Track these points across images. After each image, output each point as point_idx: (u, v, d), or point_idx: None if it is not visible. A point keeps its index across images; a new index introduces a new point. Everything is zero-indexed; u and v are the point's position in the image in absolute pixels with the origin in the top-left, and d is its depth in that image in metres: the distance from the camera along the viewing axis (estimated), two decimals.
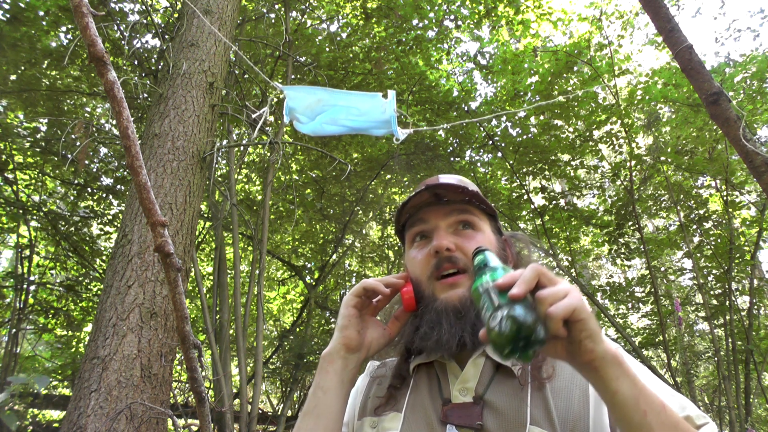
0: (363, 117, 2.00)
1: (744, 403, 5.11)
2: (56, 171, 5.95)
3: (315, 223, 7.24)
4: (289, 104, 2.04)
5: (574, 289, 0.60)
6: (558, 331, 0.57)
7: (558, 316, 0.57)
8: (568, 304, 0.57)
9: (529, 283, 0.59)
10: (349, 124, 2.04)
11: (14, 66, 4.90)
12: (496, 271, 0.67)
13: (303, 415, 0.85)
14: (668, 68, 5.73)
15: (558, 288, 0.59)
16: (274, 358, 6.66)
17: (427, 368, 0.88)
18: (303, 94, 2.06)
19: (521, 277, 0.60)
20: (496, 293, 0.61)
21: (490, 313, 0.59)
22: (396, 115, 1.95)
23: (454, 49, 6.93)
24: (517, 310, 0.56)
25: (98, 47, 0.72)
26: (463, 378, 0.81)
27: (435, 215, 0.90)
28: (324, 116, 2.02)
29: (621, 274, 9.76)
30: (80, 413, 2.45)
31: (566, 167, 6.27)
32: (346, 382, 0.85)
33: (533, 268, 0.61)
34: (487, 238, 0.89)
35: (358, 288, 0.87)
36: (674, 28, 2.13)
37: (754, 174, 1.93)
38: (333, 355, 0.86)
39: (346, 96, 2.05)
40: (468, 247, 0.85)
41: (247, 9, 6.08)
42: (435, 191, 0.89)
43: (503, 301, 0.59)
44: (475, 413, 0.76)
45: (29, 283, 5.77)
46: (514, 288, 0.59)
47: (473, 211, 0.91)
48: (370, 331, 0.89)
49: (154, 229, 0.76)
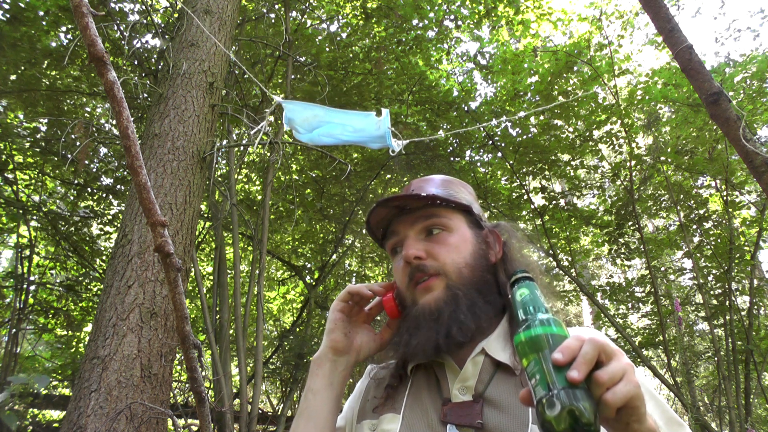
0: (358, 133, 2.06)
1: (744, 403, 5.11)
2: (56, 171, 5.95)
3: (315, 223, 7.23)
4: (287, 115, 2.09)
5: (629, 369, 0.57)
6: (610, 416, 0.56)
7: (615, 405, 0.54)
8: (627, 392, 0.55)
9: (590, 363, 0.55)
10: (345, 138, 2.10)
11: (14, 66, 4.90)
12: (548, 325, 0.61)
13: (297, 417, 0.88)
14: (668, 68, 5.73)
15: (615, 369, 0.56)
16: (274, 358, 6.66)
17: (425, 368, 0.88)
18: (300, 108, 2.11)
19: (581, 355, 0.55)
20: (550, 366, 0.56)
21: (544, 393, 0.55)
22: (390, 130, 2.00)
23: (454, 49, 6.94)
24: (576, 400, 0.53)
25: (98, 47, 0.72)
26: (462, 377, 0.81)
27: (404, 225, 0.90)
28: (320, 129, 2.08)
29: (621, 274, 9.76)
30: (80, 413, 2.45)
31: (566, 167, 6.27)
32: (336, 384, 0.88)
33: (593, 344, 0.56)
34: (462, 238, 0.88)
35: (344, 293, 0.90)
36: (674, 28, 2.13)
37: (754, 174, 1.93)
38: (321, 358, 0.89)
39: (341, 114, 2.10)
40: (438, 252, 0.85)
41: (247, 9, 6.08)
42: (392, 204, 0.89)
43: (559, 380, 0.55)
44: (475, 412, 0.76)
45: (29, 283, 5.77)
46: (573, 370, 0.54)
47: (440, 213, 0.89)
48: (359, 335, 0.91)
49: (154, 229, 0.76)
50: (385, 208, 0.89)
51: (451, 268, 0.84)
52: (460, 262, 0.85)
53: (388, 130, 1.98)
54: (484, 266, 0.88)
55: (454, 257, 0.85)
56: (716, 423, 5.94)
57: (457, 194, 0.94)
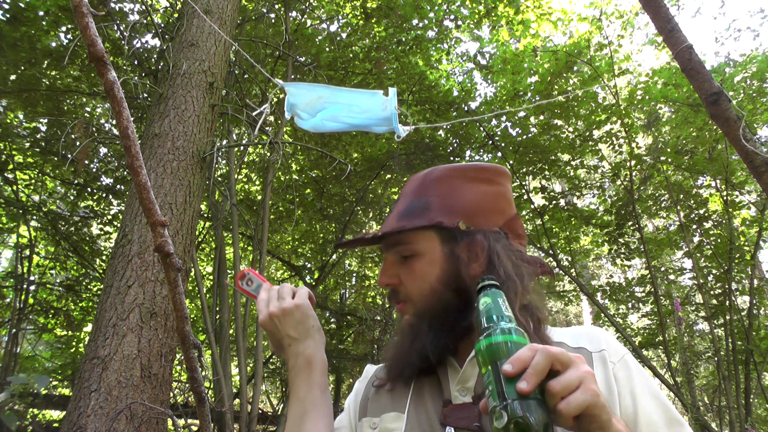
0: (364, 114, 2.01)
1: (744, 403, 5.11)
2: (56, 171, 5.95)
3: (315, 223, 7.23)
4: (290, 100, 2.05)
5: (587, 377, 0.56)
6: (567, 426, 0.55)
7: (570, 414, 0.53)
8: (582, 400, 0.54)
9: (540, 374, 0.54)
10: (349, 121, 2.05)
11: (14, 66, 4.90)
12: (508, 333, 0.60)
13: (305, 414, 0.88)
14: (668, 68, 5.73)
15: (569, 379, 0.55)
16: (274, 358, 6.66)
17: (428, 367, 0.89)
18: (304, 90, 2.06)
19: (531, 366, 0.55)
20: (503, 376, 0.56)
21: (496, 404, 0.55)
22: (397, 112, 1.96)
23: (454, 49, 6.94)
24: (526, 411, 0.52)
25: (98, 47, 0.72)
26: (462, 378, 0.81)
27: (385, 248, 0.93)
28: (324, 113, 2.03)
29: (621, 274, 9.76)
30: (80, 413, 2.45)
31: (566, 167, 6.27)
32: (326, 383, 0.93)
33: (545, 354, 0.55)
34: (429, 260, 0.85)
35: None
36: (674, 28, 2.13)
37: (754, 174, 1.93)
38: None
39: (347, 94, 2.06)
40: (405, 280, 0.87)
41: (247, 9, 6.08)
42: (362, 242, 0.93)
43: (510, 392, 0.54)
44: (473, 414, 0.76)
45: (29, 283, 5.77)
46: (522, 381, 0.54)
47: (406, 239, 0.87)
48: None
49: (154, 229, 0.76)
50: (360, 243, 0.94)
51: (416, 296, 0.86)
52: (425, 289, 0.85)
53: (395, 111, 1.95)
54: (455, 286, 0.84)
55: (419, 284, 0.85)
56: (716, 423, 5.94)
57: (430, 203, 0.87)
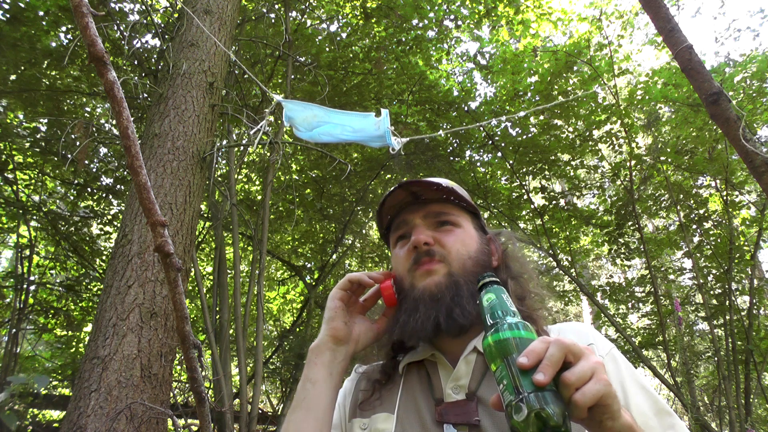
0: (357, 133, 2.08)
1: (744, 403, 5.11)
2: (56, 171, 5.95)
3: (315, 223, 7.23)
4: (287, 114, 2.11)
5: (599, 367, 0.56)
6: (582, 416, 0.55)
7: (585, 405, 0.54)
8: (596, 390, 0.54)
9: (556, 365, 0.55)
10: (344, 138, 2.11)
11: (14, 66, 4.90)
12: (516, 329, 0.60)
13: (293, 409, 0.85)
14: (668, 68, 5.73)
15: (583, 369, 0.55)
16: (274, 358, 6.66)
17: (417, 367, 0.88)
18: (300, 108, 2.13)
19: (546, 357, 0.55)
20: (517, 370, 0.56)
21: (512, 398, 0.55)
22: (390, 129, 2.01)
23: (454, 49, 6.93)
24: (544, 404, 0.53)
25: (98, 47, 0.72)
26: (455, 376, 0.81)
27: (414, 215, 0.91)
28: (320, 129, 2.09)
29: (621, 274, 9.76)
30: (80, 413, 2.45)
31: (566, 167, 6.26)
32: (335, 374, 0.86)
33: (559, 345, 0.56)
34: (468, 235, 0.90)
35: (344, 281, 0.90)
36: (674, 28, 2.13)
37: (754, 174, 1.93)
38: (321, 347, 0.88)
39: (340, 115, 2.12)
40: (445, 241, 0.87)
41: (247, 9, 6.08)
42: (410, 189, 0.90)
43: (526, 385, 0.54)
44: (471, 410, 0.76)
45: (29, 283, 5.77)
46: (538, 373, 0.54)
47: (451, 209, 0.92)
48: (357, 325, 0.91)
49: (154, 229, 0.76)
50: (404, 191, 0.90)
51: (455, 257, 0.86)
52: (465, 254, 0.87)
53: (388, 129, 2.00)
54: (486, 264, 0.89)
55: (459, 248, 0.87)
56: (716, 423, 5.94)
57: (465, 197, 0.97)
